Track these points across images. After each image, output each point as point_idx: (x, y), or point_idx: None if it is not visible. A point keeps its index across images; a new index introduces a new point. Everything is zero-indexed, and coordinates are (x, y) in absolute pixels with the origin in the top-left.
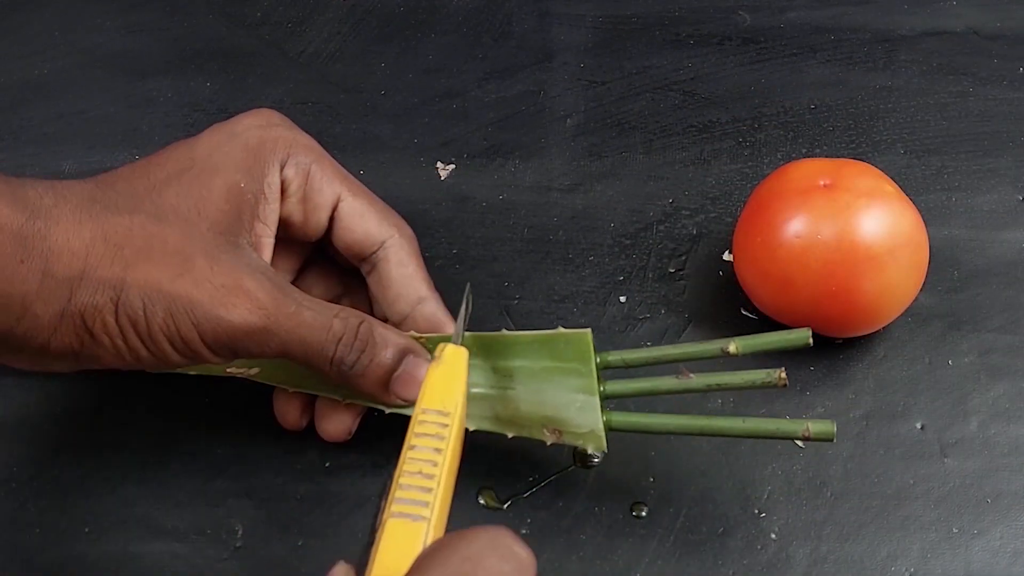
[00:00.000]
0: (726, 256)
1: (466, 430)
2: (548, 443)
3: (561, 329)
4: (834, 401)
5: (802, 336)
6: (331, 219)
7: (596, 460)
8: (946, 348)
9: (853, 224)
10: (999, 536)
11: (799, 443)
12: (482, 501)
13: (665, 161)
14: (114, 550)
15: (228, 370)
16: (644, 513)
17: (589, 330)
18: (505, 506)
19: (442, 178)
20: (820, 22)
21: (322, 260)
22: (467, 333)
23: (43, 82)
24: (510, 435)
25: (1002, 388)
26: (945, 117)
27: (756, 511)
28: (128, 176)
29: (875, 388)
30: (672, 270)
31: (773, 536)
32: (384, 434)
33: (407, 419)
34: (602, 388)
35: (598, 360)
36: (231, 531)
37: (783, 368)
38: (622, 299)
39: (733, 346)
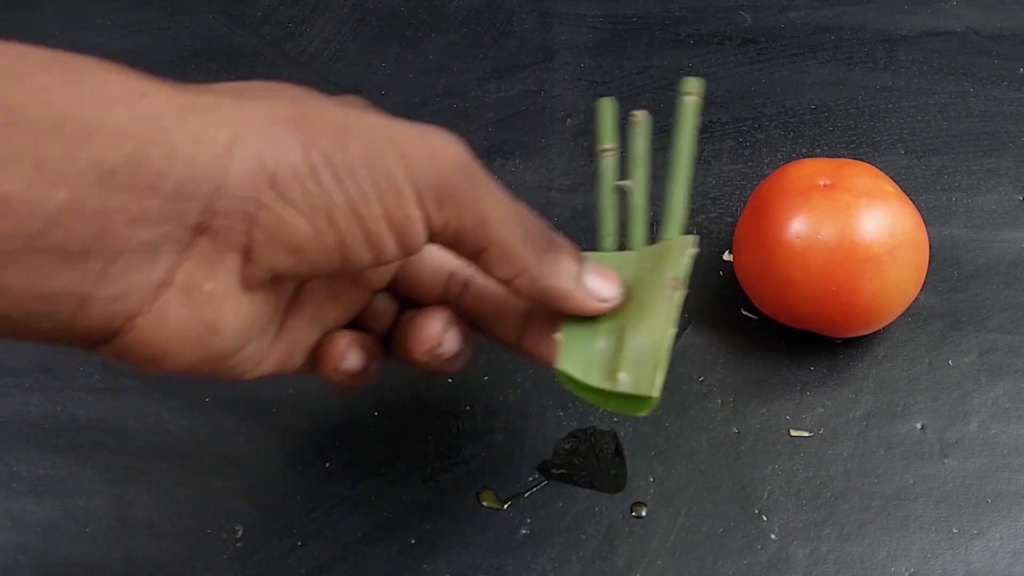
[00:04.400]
0: (726, 256)
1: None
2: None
3: None
4: (834, 401)
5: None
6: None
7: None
8: (946, 348)
9: (853, 224)
10: (999, 536)
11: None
12: (483, 502)
13: (665, 161)
14: (114, 550)
15: None
16: (644, 513)
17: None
18: (505, 506)
19: None
20: (821, 22)
21: None
22: None
23: None
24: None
25: (1002, 388)
26: (945, 117)
27: (756, 511)
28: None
29: (875, 388)
30: None
31: (773, 536)
32: (383, 435)
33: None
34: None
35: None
36: (231, 531)
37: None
38: None
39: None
